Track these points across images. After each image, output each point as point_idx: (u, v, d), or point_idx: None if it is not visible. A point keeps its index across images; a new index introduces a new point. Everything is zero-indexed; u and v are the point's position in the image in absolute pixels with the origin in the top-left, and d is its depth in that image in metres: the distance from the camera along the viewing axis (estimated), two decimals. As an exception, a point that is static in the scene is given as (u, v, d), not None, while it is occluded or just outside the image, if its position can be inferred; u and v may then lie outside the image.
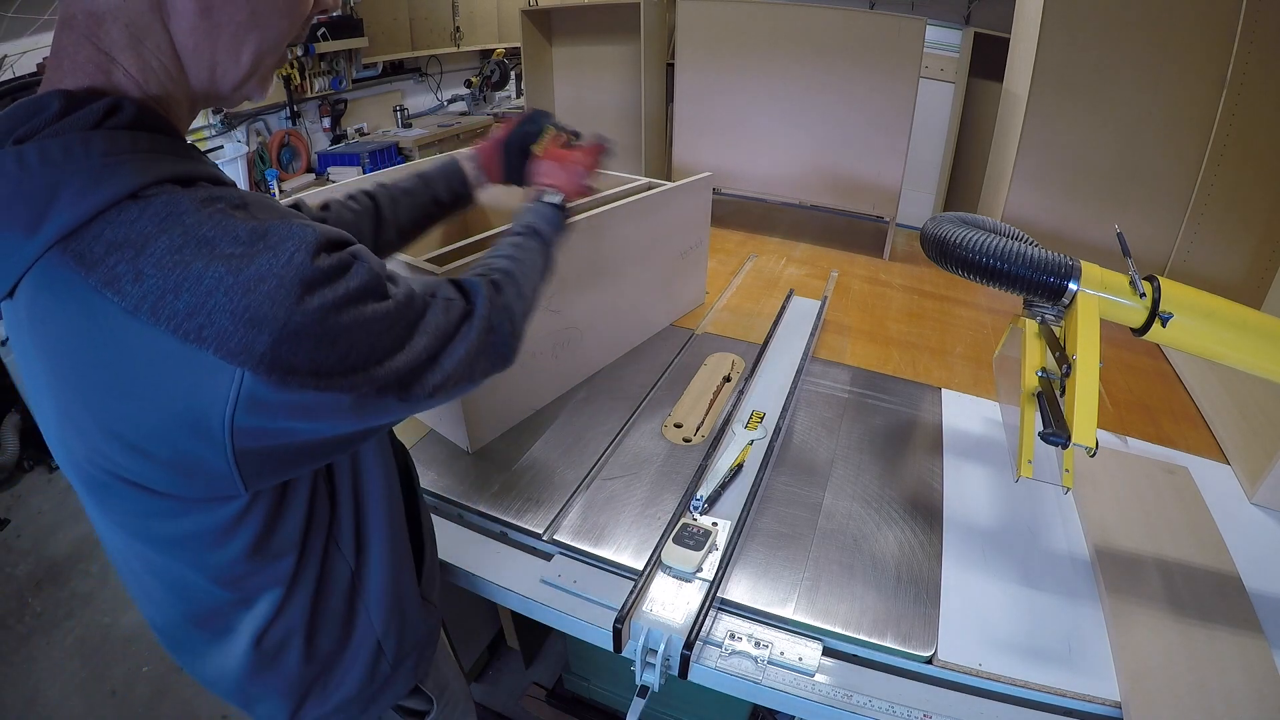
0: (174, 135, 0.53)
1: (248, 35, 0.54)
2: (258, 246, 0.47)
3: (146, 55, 0.51)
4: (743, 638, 0.86)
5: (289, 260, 0.48)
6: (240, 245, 0.47)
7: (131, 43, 0.50)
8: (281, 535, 0.62)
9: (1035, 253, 0.88)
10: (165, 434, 0.49)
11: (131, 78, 0.51)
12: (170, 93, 0.53)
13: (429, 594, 0.83)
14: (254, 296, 0.46)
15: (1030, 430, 0.85)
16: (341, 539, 0.69)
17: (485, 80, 4.85)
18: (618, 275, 1.31)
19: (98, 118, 0.48)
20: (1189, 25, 1.51)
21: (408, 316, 0.56)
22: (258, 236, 0.48)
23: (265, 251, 0.47)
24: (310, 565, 0.66)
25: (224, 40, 0.53)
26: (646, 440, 1.18)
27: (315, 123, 3.86)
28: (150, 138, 0.50)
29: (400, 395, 0.55)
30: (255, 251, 0.47)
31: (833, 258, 2.04)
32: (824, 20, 1.92)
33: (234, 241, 0.47)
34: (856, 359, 1.47)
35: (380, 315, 0.53)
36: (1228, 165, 1.57)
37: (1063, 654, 0.84)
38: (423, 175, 0.98)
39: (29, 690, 1.83)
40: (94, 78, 0.50)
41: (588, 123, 0.98)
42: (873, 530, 1.01)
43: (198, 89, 0.55)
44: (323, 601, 0.68)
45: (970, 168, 3.08)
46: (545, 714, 1.73)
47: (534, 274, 0.78)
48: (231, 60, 0.54)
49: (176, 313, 0.45)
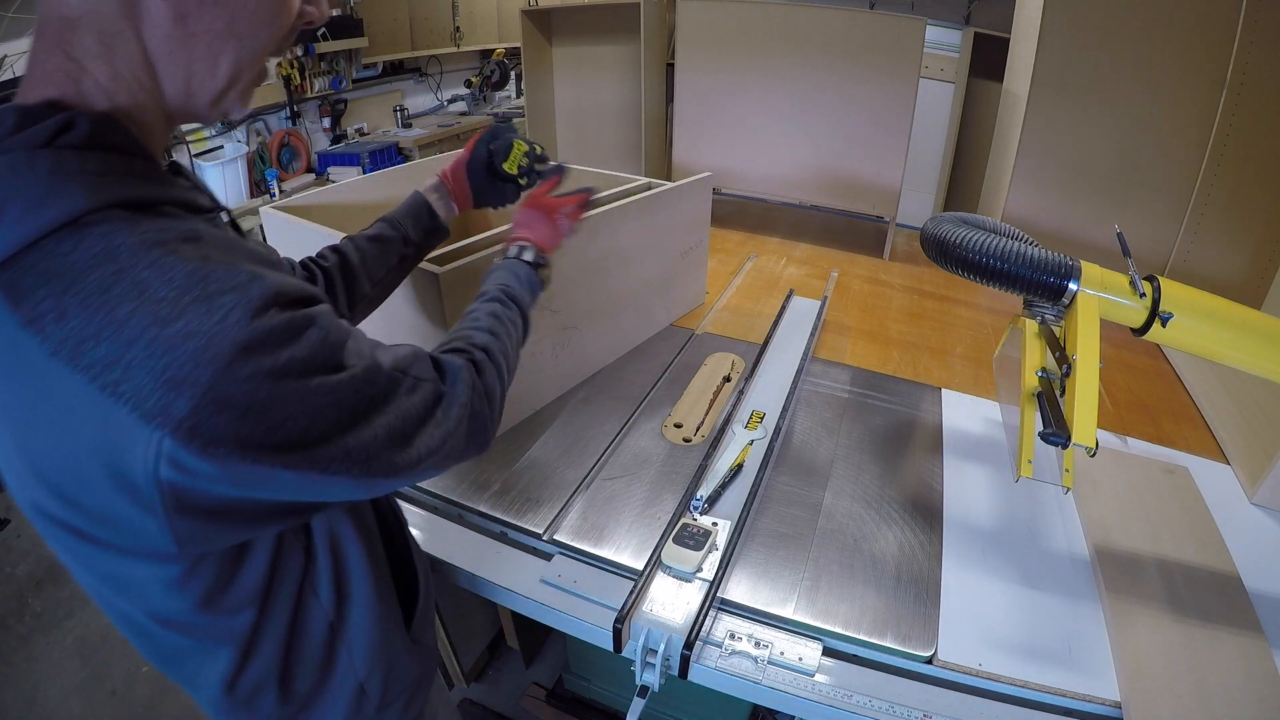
0: (137, 154, 0.49)
1: (225, 45, 0.50)
2: (193, 294, 0.42)
3: (118, 64, 0.48)
4: (743, 638, 0.86)
5: (223, 318, 0.43)
6: (174, 290, 0.42)
7: (103, 51, 0.47)
8: (237, 591, 0.58)
9: (1035, 253, 0.88)
10: (90, 484, 0.45)
11: (101, 88, 0.48)
12: (142, 105, 0.50)
13: (420, 636, 0.79)
14: (177, 354, 0.41)
15: (1030, 430, 0.85)
16: (320, 588, 0.65)
17: (485, 80, 4.85)
18: (618, 275, 1.31)
19: (49, 135, 0.44)
20: (1189, 25, 1.51)
21: (366, 393, 0.51)
22: (196, 282, 0.43)
23: (199, 303, 0.42)
24: (277, 616, 0.62)
25: (200, 51, 0.49)
26: (646, 440, 1.18)
27: (315, 123, 3.86)
28: (103, 158, 0.46)
29: (356, 474, 0.50)
30: (188, 301, 0.42)
31: (833, 258, 2.04)
32: (824, 20, 1.92)
33: (167, 285, 0.42)
34: (856, 359, 1.47)
35: (329, 389, 0.48)
36: (1228, 165, 1.57)
37: (1063, 654, 0.84)
38: (389, 219, 0.94)
39: (29, 690, 1.83)
40: (62, 87, 0.47)
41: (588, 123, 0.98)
42: (873, 530, 1.01)
43: (173, 103, 0.51)
44: (297, 649, 0.65)
45: (970, 168, 3.08)
46: (545, 714, 1.73)
47: (513, 347, 0.75)
48: (208, 72, 0.51)
49: (95, 361, 0.41)
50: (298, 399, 0.46)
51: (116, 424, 0.42)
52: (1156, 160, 1.64)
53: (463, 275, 1.00)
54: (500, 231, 1.15)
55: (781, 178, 2.14)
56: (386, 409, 0.53)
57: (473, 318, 0.75)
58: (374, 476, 0.52)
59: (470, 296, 0.79)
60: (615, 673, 1.61)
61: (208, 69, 0.51)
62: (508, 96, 5.26)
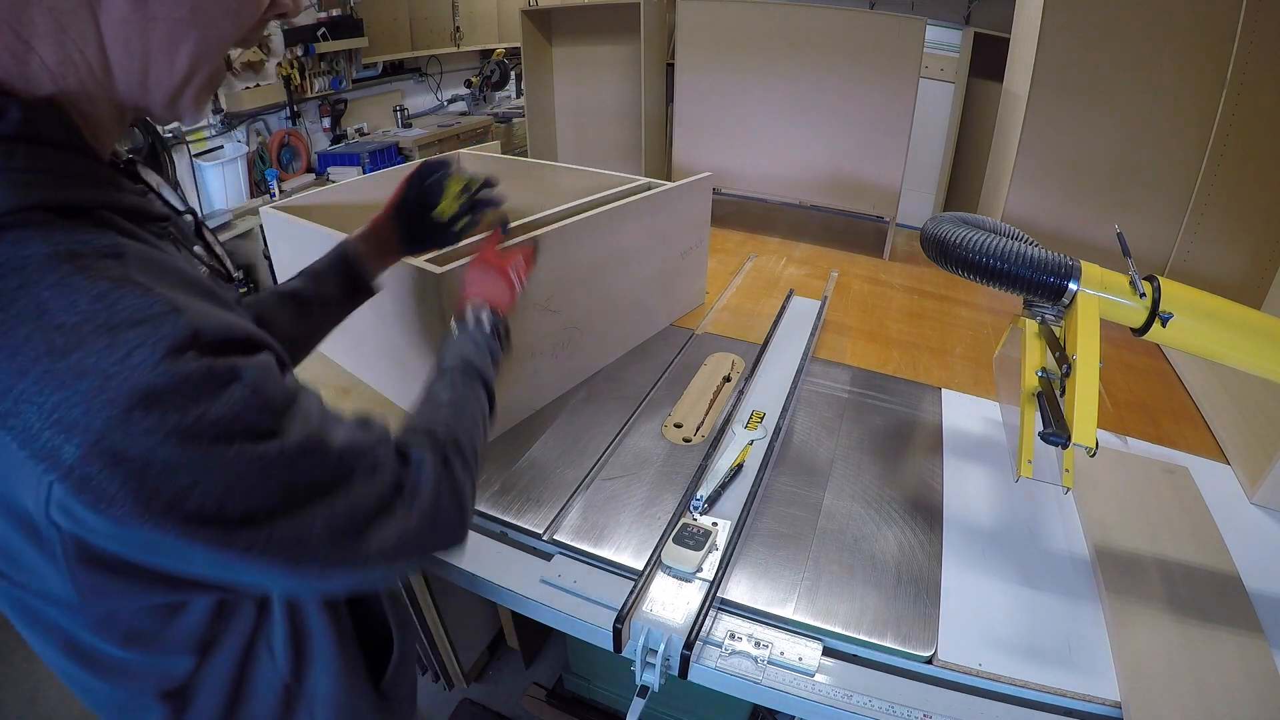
0: (75, 150, 0.44)
1: (186, 34, 0.45)
2: (95, 322, 0.37)
3: (68, 46, 0.43)
4: (743, 638, 0.86)
5: (125, 357, 0.37)
6: (75, 316, 0.37)
7: (54, 30, 0.42)
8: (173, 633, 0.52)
9: (1035, 253, 0.88)
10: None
11: (48, 70, 0.43)
12: (91, 94, 0.45)
13: (392, 693, 0.73)
14: (68, 393, 0.36)
15: (1030, 430, 0.85)
16: (275, 643, 0.59)
17: (485, 80, 4.85)
18: (618, 275, 1.31)
19: None
20: (1189, 25, 1.51)
21: (305, 473, 0.44)
22: (102, 308, 0.37)
23: (100, 334, 0.37)
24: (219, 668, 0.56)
25: (158, 37, 0.45)
26: (646, 440, 1.18)
27: (315, 123, 3.86)
28: (32, 152, 0.41)
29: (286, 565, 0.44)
30: (88, 331, 0.37)
31: (833, 258, 2.04)
32: (824, 20, 1.92)
33: (69, 309, 0.37)
34: (856, 359, 1.47)
35: (251, 460, 0.41)
36: (1228, 165, 1.57)
37: (1063, 654, 0.84)
38: (311, 272, 0.86)
39: (29, 690, 1.83)
40: (5, 67, 0.42)
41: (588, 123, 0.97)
42: (873, 530, 1.01)
43: (125, 94, 0.46)
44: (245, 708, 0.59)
45: (970, 168, 3.08)
46: (545, 714, 1.73)
47: (480, 430, 0.68)
48: (166, 62, 0.46)
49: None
50: (212, 466, 0.39)
51: (8, 455, 0.37)
52: (1156, 160, 1.64)
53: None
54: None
55: (781, 178, 2.14)
56: (332, 494, 0.46)
57: (433, 397, 0.68)
58: (311, 571, 0.45)
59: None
60: (615, 673, 1.61)
61: (166, 58, 0.46)
62: (508, 96, 5.26)
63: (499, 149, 1.88)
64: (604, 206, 1.24)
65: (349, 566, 0.47)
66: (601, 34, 2.54)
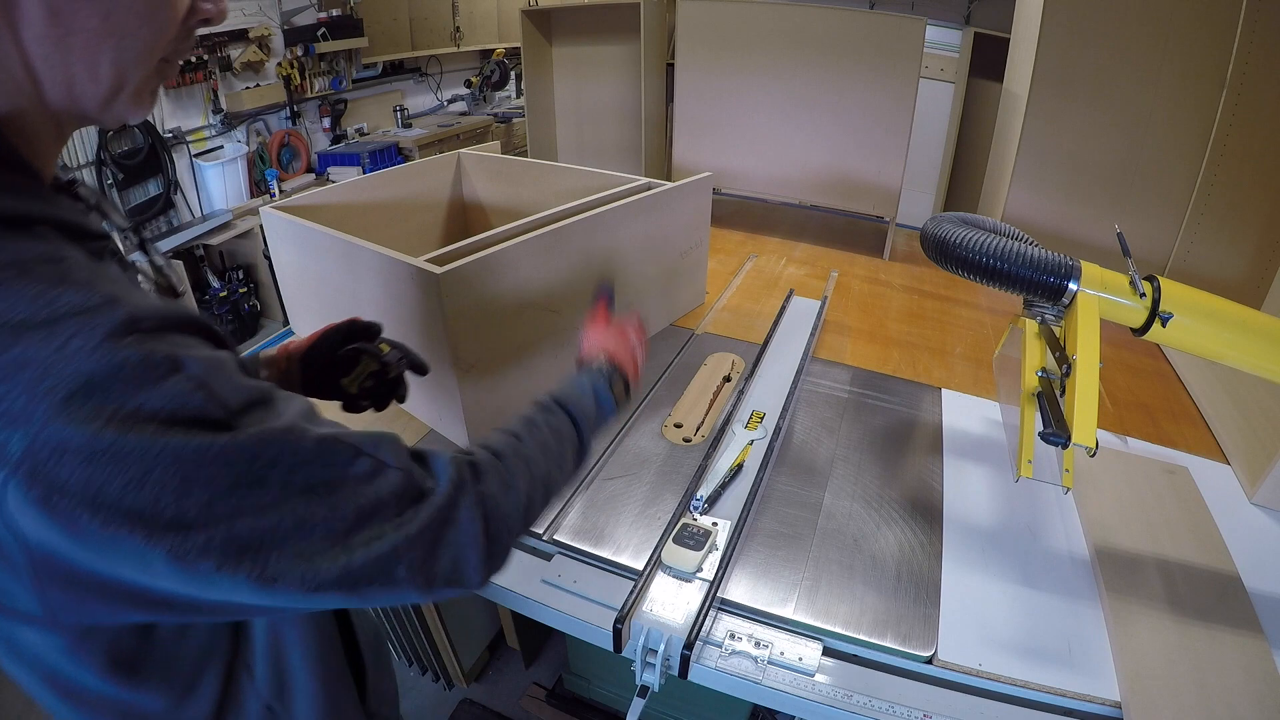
0: (11, 165, 0.44)
1: (103, 45, 0.45)
2: (36, 318, 0.37)
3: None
4: (743, 638, 0.86)
5: (63, 345, 0.37)
6: (15, 315, 0.37)
7: None
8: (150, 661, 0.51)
9: (1035, 253, 0.88)
10: None
11: None
12: (23, 110, 0.45)
13: (378, 709, 0.73)
14: (9, 386, 0.36)
15: (1030, 430, 0.85)
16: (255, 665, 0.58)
17: (485, 80, 4.85)
18: (618, 275, 1.31)
19: None
20: (1189, 25, 1.51)
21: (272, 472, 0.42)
22: (42, 305, 0.38)
23: (39, 329, 0.37)
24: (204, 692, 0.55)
25: (77, 50, 0.44)
26: (646, 440, 1.18)
27: (315, 123, 3.86)
28: None
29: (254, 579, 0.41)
30: (27, 327, 0.37)
31: (833, 258, 2.04)
32: (824, 20, 1.92)
33: (9, 311, 0.37)
34: (856, 359, 1.47)
35: (198, 452, 0.39)
36: (1228, 165, 1.57)
37: (1063, 654, 0.84)
38: None
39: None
40: None
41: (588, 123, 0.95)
42: (873, 530, 1.01)
43: (58, 107, 0.46)
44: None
45: (970, 168, 3.08)
46: (545, 714, 1.73)
47: (547, 458, 0.62)
48: (88, 74, 0.45)
49: None
50: (161, 457, 0.38)
51: None
52: (1156, 160, 1.64)
53: (463, 275, 1.00)
54: (500, 231, 1.15)
55: (781, 178, 2.14)
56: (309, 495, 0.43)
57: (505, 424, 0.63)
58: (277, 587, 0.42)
59: (471, 297, 0.77)
60: (615, 673, 1.61)
61: (87, 70, 0.45)
62: (508, 96, 5.26)
63: (499, 149, 1.88)
64: (604, 206, 1.24)
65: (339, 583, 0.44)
66: (601, 34, 2.54)
